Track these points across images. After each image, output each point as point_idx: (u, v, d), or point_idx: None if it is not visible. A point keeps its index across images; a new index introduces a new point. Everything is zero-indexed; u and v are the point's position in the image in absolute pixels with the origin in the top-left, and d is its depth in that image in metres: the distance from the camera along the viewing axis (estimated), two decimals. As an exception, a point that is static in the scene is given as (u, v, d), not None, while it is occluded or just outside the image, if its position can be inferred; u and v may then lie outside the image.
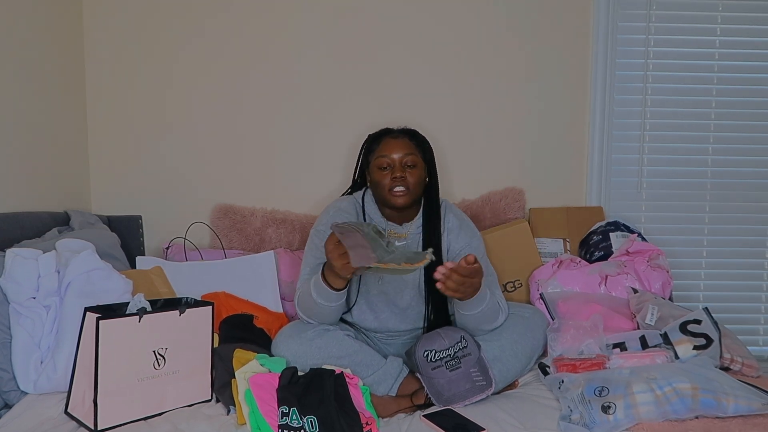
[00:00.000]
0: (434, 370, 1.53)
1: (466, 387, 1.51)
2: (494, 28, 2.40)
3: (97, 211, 2.29)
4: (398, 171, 1.70)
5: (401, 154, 1.72)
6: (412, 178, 1.71)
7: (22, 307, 1.49)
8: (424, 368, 1.55)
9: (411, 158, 1.72)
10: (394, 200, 1.71)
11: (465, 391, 1.50)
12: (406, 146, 1.74)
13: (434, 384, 1.52)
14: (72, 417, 1.39)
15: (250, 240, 2.32)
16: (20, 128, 1.90)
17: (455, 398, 1.49)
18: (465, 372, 1.53)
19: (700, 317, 1.69)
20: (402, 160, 1.71)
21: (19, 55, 1.90)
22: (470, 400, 1.49)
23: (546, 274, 2.07)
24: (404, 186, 1.69)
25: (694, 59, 2.47)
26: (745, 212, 2.52)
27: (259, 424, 1.33)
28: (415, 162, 1.73)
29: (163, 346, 1.42)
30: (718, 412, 1.35)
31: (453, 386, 1.51)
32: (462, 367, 1.54)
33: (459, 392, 1.50)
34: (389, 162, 1.71)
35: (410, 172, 1.71)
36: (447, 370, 1.53)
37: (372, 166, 1.76)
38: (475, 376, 1.53)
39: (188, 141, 2.37)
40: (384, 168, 1.72)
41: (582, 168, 2.49)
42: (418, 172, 1.73)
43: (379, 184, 1.72)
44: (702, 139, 2.49)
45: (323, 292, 1.53)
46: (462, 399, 1.49)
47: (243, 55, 2.36)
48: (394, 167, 1.71)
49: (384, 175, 1.71)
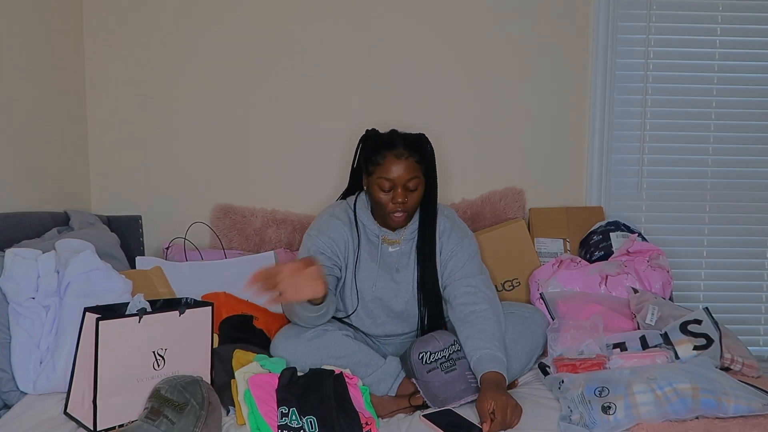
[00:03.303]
0: (429, 373, 1.53)
1: (462, 388, 1.51)
2: (494, 28, 2.40)
3: (97, 211, 2.29)
4: (400, 196, 1.65)
5: (405, 179, 1.65)
6: (412, 201, 1.68)
7: (22, 307, 1.49)
8: (419, 371, 1.54)
9: (414, 182, 1.66)
10: (393, 223, 1.71)
11: (460, 391, 1.50)
12: (410, 169, 1.65)
13: (430, 387, 1.52)
14: (71, 417, 1.38)
15: (250, 240, 2.32)
16: (20, 128, 1.90)
17: (450, 399, 1.49)
18: (460, 374, 1.53)
19: (701, 317, 1.69)
20: (405, 185, 1.66)
21: (18, 54, 1.89)
22: (465, 400, 1.49)
23: (546, 274, 2.07)
24: (404, 210, 1.68)
25: (694, 59, 2.47)
26: (745, 212, 2.52)
27: (259, 425, 1.33)
28: (418, 185, 1.68)
29: (162, 347, 1.42)
30: (718, 413, 1.35)
31: (448, 388, 1.51)
32: (457, 369, 1.54)
33: (454, 393, 1.50)
34: (391, 185, 1.66)
35: (411, 195, 1.68)
36: (442, 372, 1.53)
37: (372, 181, 1.69)
38: (470, 377, 1.54)
39: (188, 141, 2.37)
40: (385, 190, 1.67)
41: (582, 168, 2.49)
42: (418, 193, 1.70)
43: (379, 203, 1.69)
44: (702, 139, 2.49)
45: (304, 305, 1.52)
46: (457, 399, 1.49)
47: (243, 57, 2.36)
48: (396, 192, 1.66)
49: (384, 195, 1.67)
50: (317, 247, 1.70)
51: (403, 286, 1.73)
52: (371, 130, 1.80)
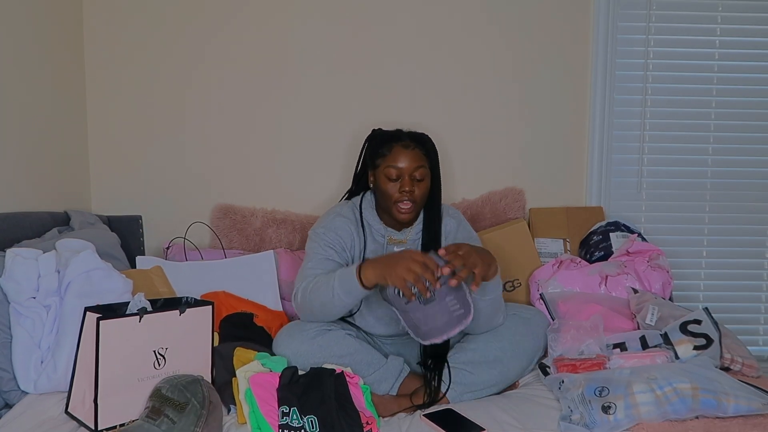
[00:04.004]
0: (408, 305, 1.47)
1: (444, 321, 1.45)
2: (494, 28, 2.40)
3: (97, 211, 2.29)
4: (407, 185, 1.67)
5: (412, 167, 1.68)
6: (419, 191, 1.69)
7: (22, 307, 1.49)
8: (397, 303, 1.49)
9: (421, 171, 1.69)
10: (399, 216, 1.70)
11: (443, 325, 1.45)
12: (417, 158, 1.69)
13: (410, 317, 1.47)
14: (72, 417, 1.39)
15: (250, 240, 2.32)
16: (20, 128, 1.90)
17: (433, 333, 1.45)
18: (440, 303, 1.45)
19: (700, 317, 1.69)
20: (412, 174, 1.68)
21: (19, 54, 1.89)
22: (449, 334, 1.45)
23: (546, 274, 2.08)
24: (411, 200, 1.68)
25: (694, 59, 2.47)
26: (745, 212, 2.52)
27: (260, 424, 1.33)
28: (424, 175, 1.70)
29: (163, 346, 1.42)
30: (718, 412, 1.35)
31: (429, 321, 1.45)
32: (436, 299, 1.45)
33: (436, 326, 1.45)
34: (398, 173, 1.68)
35: (418, 185, 1.69)
36: (421, 304, 1.46)
37: (380, 172, 1.72)
38: (452, 305, 1.46)
39: (188, 141, 2.37)
40: (393, 179, 1.69)
41: (582, 168, 2.49)
42: (425, 184, 1.71)
43: (386, 194, 1.70)
44: (702, 139, 2.49)
45: (351, 288, 1.51)
46: (441, 333, 1.45)
47: (243, 58, 2.36)
48: (404, 180, 1.68)
49: (392, 185, 1.69)
50: (326, 242, 1.70)
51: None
52: (377, 129, 1.83)
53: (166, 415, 1.26)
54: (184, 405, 1.28)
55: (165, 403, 1.28)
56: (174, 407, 1.27)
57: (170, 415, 1.26)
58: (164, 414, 1.26)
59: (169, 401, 1.28)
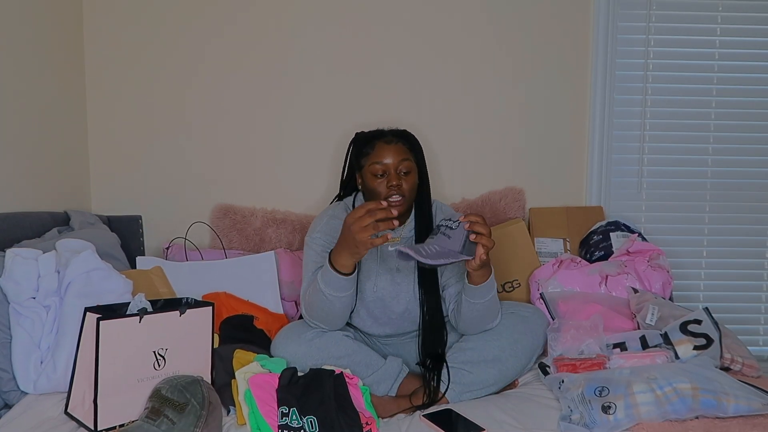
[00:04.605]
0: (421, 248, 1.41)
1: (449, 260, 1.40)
2: (494, 28, 2.40)
3: (97, 211, 2.29)
4: (394, 179, 1.66)
5: (397, 161, 1.67)
6: (407, 185, 1.69)
7: (22, 307, 1.49)
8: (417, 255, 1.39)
9: (406, 164, 1.68)
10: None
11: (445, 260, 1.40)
12: (400, 152, 1.69)
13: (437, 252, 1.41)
14: (72, 417, 1.39)
15: (250, 240, 2.32)
16: (20, 128, 1.90)
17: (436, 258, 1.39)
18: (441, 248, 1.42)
19: (701, 317, 1.69)
20: (397, 167, 1.67)
21: (19, 55, 1.89)
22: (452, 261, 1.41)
23: (546, 274, 2.07)
24: (400, 194, 1.67)
25: (694, 59, 2.47)
26: (745, 212, 2.52)
27: (259, 425, 1.33)
28: (410, 168, 1.69)
29: (163, 347, 1.42)
30: (718, 412, 1.35)
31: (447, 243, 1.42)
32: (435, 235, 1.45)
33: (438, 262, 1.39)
34: (384, 169, 1.67)
35: (405, 179, 1.68)
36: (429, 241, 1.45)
37: (365, 171, 1.71)
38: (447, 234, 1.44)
39: (188, 141, 2.37)
40: (379, 175, 1.68)
41: (582, 168, 2.49)
42: (412, 178, 1.70)
43: (374, 192, 1.69)
44: (702, 139, 2.49)
45: (333, 281, 1.51)
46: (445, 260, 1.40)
47: (243, 59, 2.36)
48: (390, 175, 1.67)
49: (379, 182, 1.68)
50: (323, 247, 1.69)
51: (403, 287, 1.73)
52: (359, 132, 1.84)
53: (166, 416, 1.26)
54: (184, 406, 1.28)
55: (165, 404, 1.28)
56: (174, 408, 1.27)
57: (170, 415, 1.26)
58: (164, 414, 1.26)
59: (169, 402, 1.28)
